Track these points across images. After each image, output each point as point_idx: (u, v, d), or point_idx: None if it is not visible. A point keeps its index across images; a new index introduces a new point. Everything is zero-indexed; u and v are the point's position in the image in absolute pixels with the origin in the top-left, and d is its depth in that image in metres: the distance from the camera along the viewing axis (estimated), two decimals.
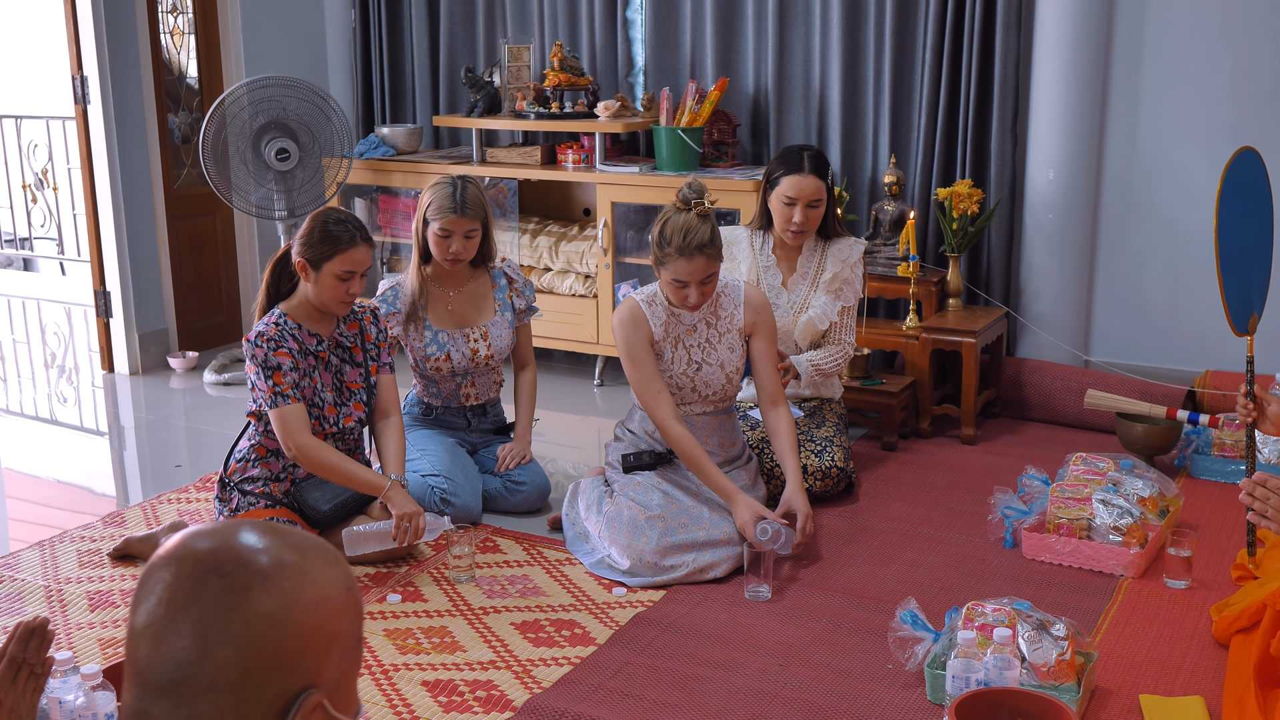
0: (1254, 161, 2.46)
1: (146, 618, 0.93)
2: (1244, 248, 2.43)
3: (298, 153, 4.28)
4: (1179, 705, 2.18)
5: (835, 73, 4.18)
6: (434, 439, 3.23)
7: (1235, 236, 2.39)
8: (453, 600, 2.71)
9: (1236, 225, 2.40)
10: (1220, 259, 2.34)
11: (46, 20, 6.28)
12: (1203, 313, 3.86)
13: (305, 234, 2.81)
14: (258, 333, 2.81)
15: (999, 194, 3.95)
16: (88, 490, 3.57)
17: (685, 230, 2.79)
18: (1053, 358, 4.00)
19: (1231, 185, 2.37)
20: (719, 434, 3.03)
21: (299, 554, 0.96)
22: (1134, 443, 3.41)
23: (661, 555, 2.76)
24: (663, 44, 4.48)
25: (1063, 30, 3.80)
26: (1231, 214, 2.37)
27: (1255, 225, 2.49)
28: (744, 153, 4.43)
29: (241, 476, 2.90)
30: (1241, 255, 2.42)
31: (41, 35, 6.53)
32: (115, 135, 4.51)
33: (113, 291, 4.67)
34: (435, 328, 3.24)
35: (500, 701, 2.27)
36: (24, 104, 6.53)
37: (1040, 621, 2.21)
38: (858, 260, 3.38)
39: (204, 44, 4.83)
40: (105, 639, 2.55)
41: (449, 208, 3.14)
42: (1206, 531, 2.96)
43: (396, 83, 5.07)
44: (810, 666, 2.38)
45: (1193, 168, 3.84)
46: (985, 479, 3.36)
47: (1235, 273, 2.40)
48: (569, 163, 4.43)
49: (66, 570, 2.89)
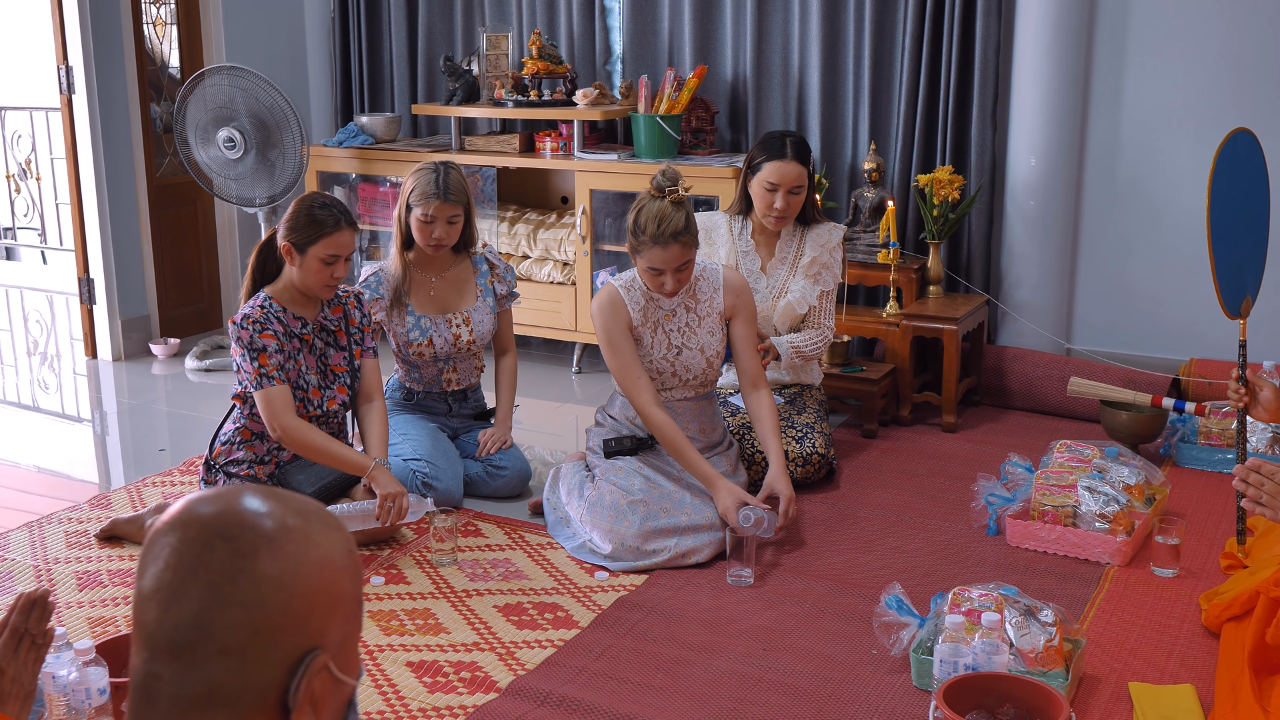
0: (1249, 143, 2.43)
1: (154, 582, 0.94)
2: (1237, 230, 2.41)
3: (243, 142, 4.27)
4: (1169, 693, 2.15)
5: (814, 59, 4.18)
6: (416, 424, 3.23)
7: (1228, 218, 2.37)
8: (435, 583, 2.71)
9: (1229, 207, 2.37)
10: (1212, 241, 2.32)
11: (30, 12, 6.24)
12: (1188, 300, 3.87)
13: (290, 218, 2.82)
14: (243, 315, 2.81)
15: (980, 181, 3.97)
16: (72, 474, 3.56)
17: (659, 218, 2.79)
18: (1035, 345, 4.01)
19: (1224, 166, 2.34)
20: (700, 419, 3.03)
21: (302, 518, 0.97)
22: (1118, 431, 3.41)
23: (643, 540, 2.76)
24: (641, 32, 4.48)
25: (1044, 15, 3.81)
26: (1224, 196, 2.35)
27: (1250, 207, 2.46)
28: (722, 140, 4.43)
29: (226, 459, 2.91)
30: (1234, 238, 2.40)
31: (25, 27, 6.49)
32: (100, 125, 4.52)
33: (96, 279, 4.67)
34: (418, 313, 3.24)
35: (484, 683, 2.27)
36: (7, 96, 6.50)
37: (1028, 607, 2.20)
38: (837, 245, 3.39)
39: (186, 34, 4.82)
40: (94, 618, 2.55)
41: (432, 193, 3.14)
42: (1193, 520, 2.97)
43: (375, 72, 5.06)
44: (794, 651, 2.38)
45: (1178, 152, 3.85)
46: (967, 466, 3.37)
47: (1227, 255, 2.37)
48: (547, 151, 4.43)
49: (55, 551, 2.90)
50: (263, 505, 0.96)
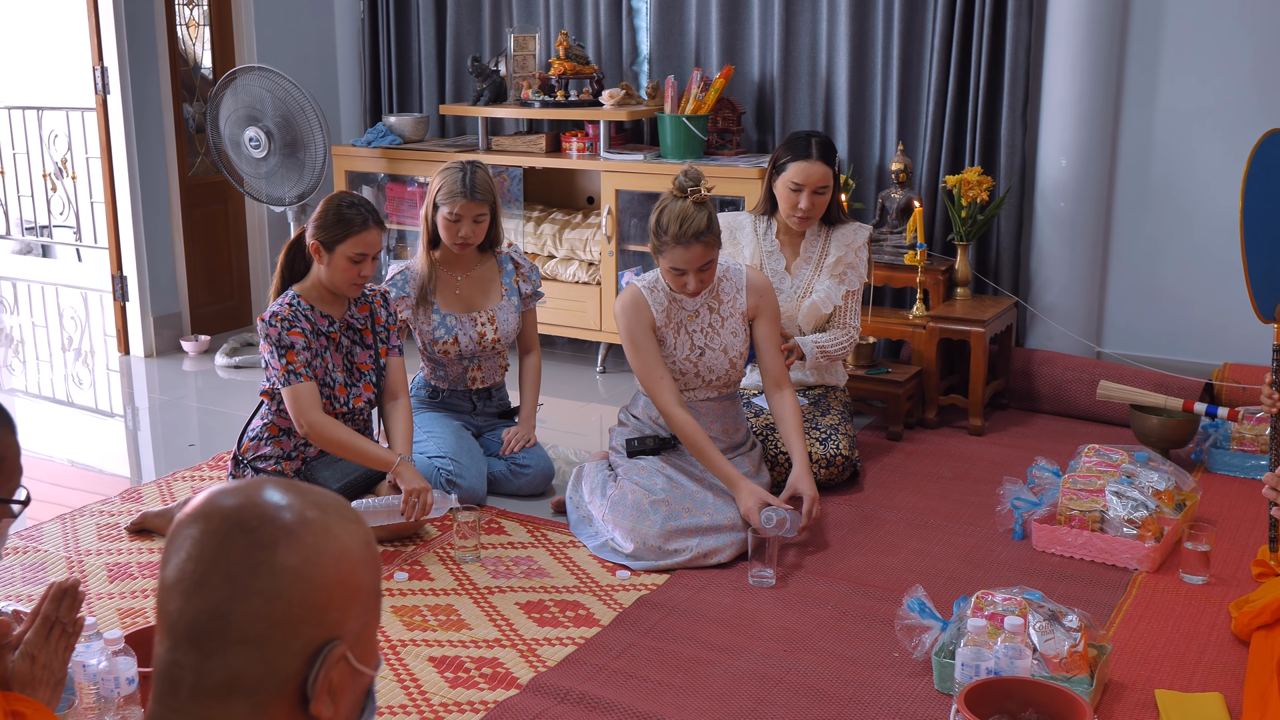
0: None
1: (176, 573, 0.96)
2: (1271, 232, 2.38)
3: (267, 142, 4.32)
4: (1197, 701, 2.12)
5: (842, 59, 4.16)
6: (440, 421, 3.25)
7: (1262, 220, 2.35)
8: (458, 579, 2.73)
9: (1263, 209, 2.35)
10: (1246, 243, 2.30)
11: (67, 14, 6.35)
12: (1221, 303, 3.82)
13: (319, 217, 2.86)
14: (272, 313, 2.85)
15: (1009, 182, 3.94)
16: (104, 468, 3.62)
17: (681, 218, 2.79)
18: (1064, 349, 3.98)
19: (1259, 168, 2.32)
20: (723, 420, 3.03)
21: (320, 510, 0.98)
22: (1149, 435, 3.37)
23: (665, 539, 2.76)
24: (668, 32, 4.48)
25: (1076, 15, 3.78)
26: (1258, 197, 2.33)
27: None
28: (749, 140, 4.43)
29: (254, 454, 2.94)
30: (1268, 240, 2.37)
31: (61, 29, 6.61)
32: (134, 125, 4.59)
33: (129, 276, 4.73)
34: (443, 311, 3.26)
35: (506, 679, 2.28)
36: (45, 96, 6.62)
37: (1052, 612, 2.18)
38: (862, 244, 3.37)
39: (218, 35, 4.88)
40: (124, 609, 2.59)
41: (459, 192, 3.16)
42: (1225, 527, 2.92)
43: (404, 72, 5.10)
44: (815, 653, 2.37)
45: (1211, 153, 3.80)
46: (993, 470, 3.34)
47: (1261, 257, 2.35)
48: (573, 151, 4.44)
49: (86, 543, 2.94)
50: (282, 498, 0.98)
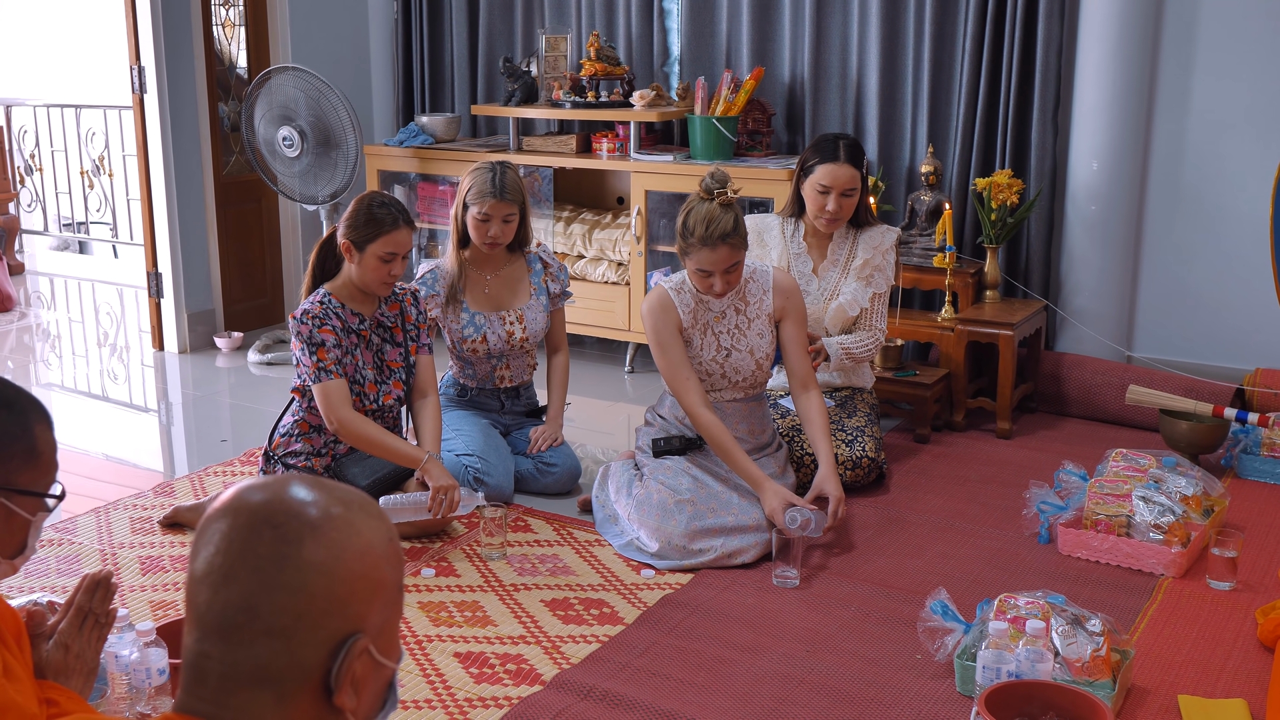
0: None
1: (205, 566, 0.98)
2: None
3: (300, 142, 4.37)
4: (1220, 708, 2.11)
5: (873, 61, 4.16)
6: (469, 420, 3.28)
7: None
8: (485, 576, 2.76)
9: None
10: (1277, 247, 2.29)
11: (105, 14, 6.45)
12: (1253, 308, 3.79)
13: (350, 216, 2.89)
14: (303, 310, 2.88)
15: (1039, 184, 3.92)
16: (138, 463, 3.68)
17: (708, 220, 2.80)
18: (1093, 352, 3.95)
19: None
20: (749, 421, 3.04)
21: (345, 506, 1.01)
22: (1178, 440, 3.35)
23: (690, 539, 2.78)
24: (698, 33, 4.49)
25: (1109, 18, 3.75)
26: None
27: None
28: (779, 142, 4.43)
29: (285, 451, 2.98)
30: None
31: (99, 29, 6.71)
32: (170, 123, 4.65)
33: (164, 273, 4.80)
34: (472, 310, 3.29)
35: (530, 675, 2.31)
36: (83, 94, 6.73)
37: (1075, 616, 2.18)
38: (890, 247, 3.37)
39: (253, 35, 4.94)
40: (156, 601, 2.63)
41: (489, 192, 3.19)
42: (1254, 533, 2.90)
43: (436, 73, 5.14)
44: (838, 654, 2.38)
45: (1244, 157, 3.77)
46: (1020, 474, 3.33)
47: None
48: (604, 151, 4.46)
49: (120, 536, 2.99)
50: (309, 494, 1.00)
